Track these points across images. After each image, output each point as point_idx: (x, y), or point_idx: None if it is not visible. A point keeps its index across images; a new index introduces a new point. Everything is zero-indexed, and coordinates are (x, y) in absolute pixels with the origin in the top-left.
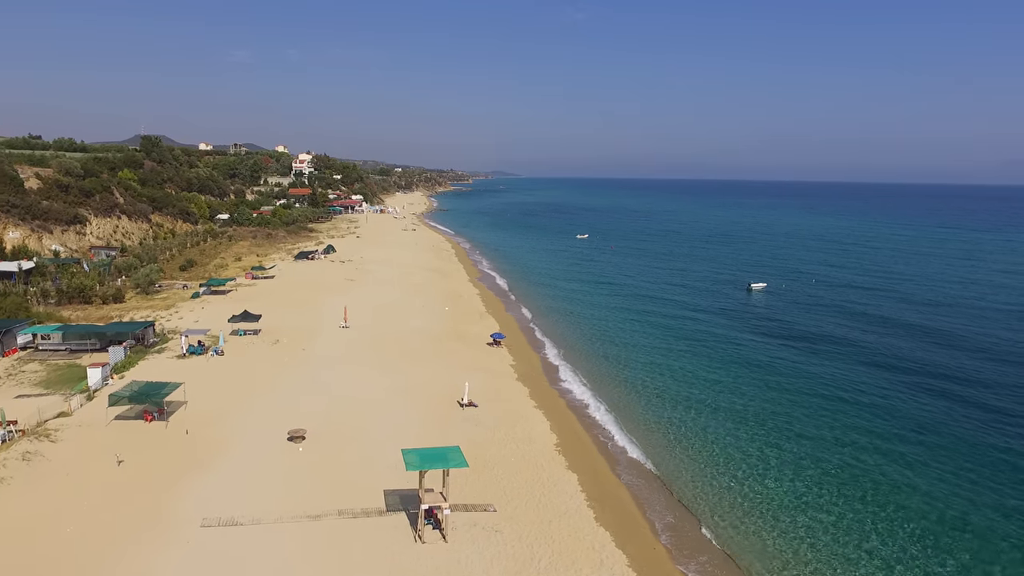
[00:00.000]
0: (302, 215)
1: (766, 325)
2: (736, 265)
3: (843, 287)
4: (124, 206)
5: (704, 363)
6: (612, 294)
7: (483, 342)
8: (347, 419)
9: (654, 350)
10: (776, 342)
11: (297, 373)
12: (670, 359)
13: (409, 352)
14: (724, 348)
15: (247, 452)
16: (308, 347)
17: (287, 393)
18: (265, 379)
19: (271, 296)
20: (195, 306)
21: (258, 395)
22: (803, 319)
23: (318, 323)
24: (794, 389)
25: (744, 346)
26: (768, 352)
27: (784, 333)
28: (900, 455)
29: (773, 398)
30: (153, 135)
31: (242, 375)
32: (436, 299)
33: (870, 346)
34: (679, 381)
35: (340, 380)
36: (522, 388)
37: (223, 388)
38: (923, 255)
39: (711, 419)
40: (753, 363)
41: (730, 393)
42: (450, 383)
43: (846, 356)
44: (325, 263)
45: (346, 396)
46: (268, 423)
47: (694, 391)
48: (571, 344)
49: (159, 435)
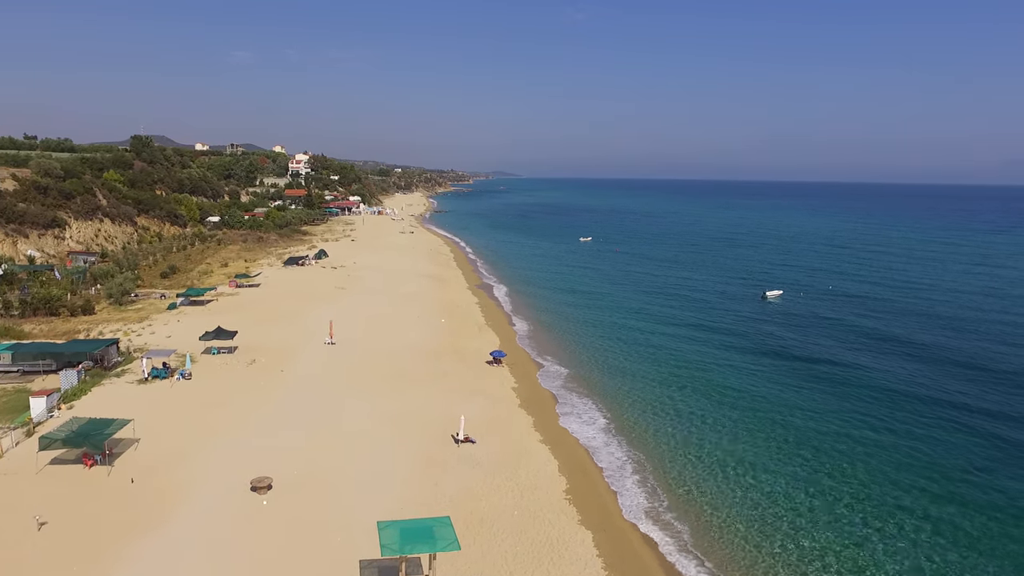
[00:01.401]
0: (296, 217)
1: (791, 342)
2: (745, 270)
3: (862, 297)
4: (107, 208)
5: (726, 387)
6: (620, 304)
7: (482, 360)
8: (324, 460)
9: (670, 371)
10: (807, 366)
11: (272, 400)
12: (688, 384)
13: (400, 373)
14: (747, 368)
15: (201, 507)
16: (288, 367)
17: (258, 426)
18: (235, 408)
19: (253, 307)
20: (170, 318)
21: (224, 429)
22: (829, 336)
23: (302, 338)
24: (855, 438)
25: (771, 369)
26: (798, 376)
27: (815, 354)
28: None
29: (826, 445)
30: (146, 135)
31: (209, 404)
32: (432, 310)
33: (910, 370)
34: (701, 409)
35: (320, 409)
36: (525, 417)
37: (184, 421)
38: (938, 260)
39: (746, 466)
40: (783, 391)
41: (769, 430)
42: (445, 411)
43: (889, 382)
44: (315, 269)
45: (326, 429)
46: (232, 466)
47: (722, 426)
48: (578, 362)
49: (99, 485)
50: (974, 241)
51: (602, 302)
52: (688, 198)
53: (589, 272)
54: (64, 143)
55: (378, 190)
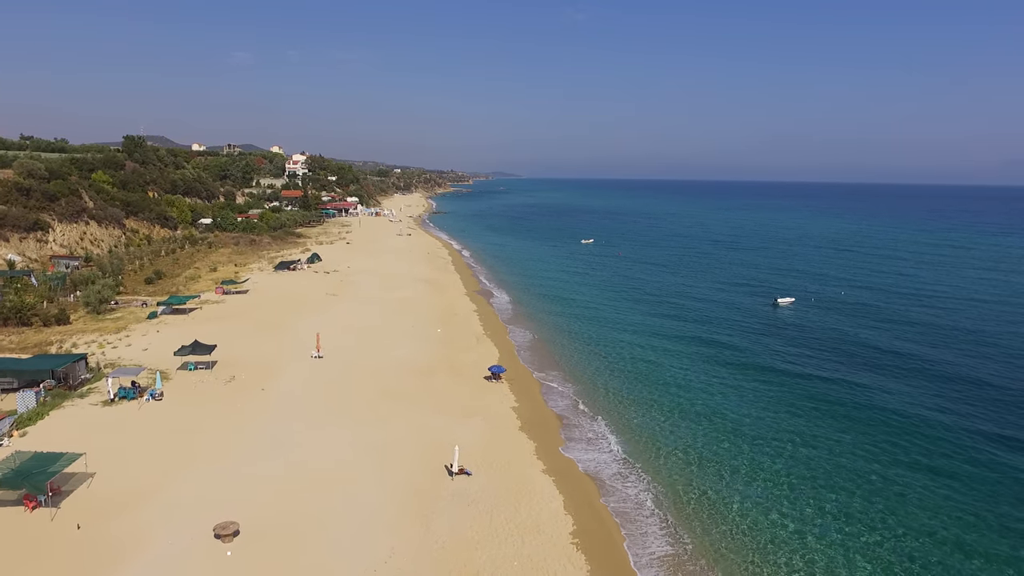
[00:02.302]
0: (291, 219)
1: (810, 360)
2: (752, 274)
3: (877, 306)
4: (93, 211)
5: (746, 413)
6: (626, 314)
7: (480, 375)
8: (301, 498)
9: (684, 391)
10: (831, 388)
11: (248, 425)
12: (704, 401)
13: (391, 391)
14: (767, 392)
15: (154, 559)
16: (269, 385)
17: (230, 457)
18: (206, 435)
19: (239, 316)
20: (150, 328)
21: (192, 461)
22: (850, 352)
23: (287, 351)
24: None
25: (793, 393)
26: (824, 401)
27: (837, 375)
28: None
29: (871, 482)
30: (138, 136)
31: (178, 429)
32: (428, 318)
33: (951, 396)
34: (720, 431)
35: (301, 435)
36: (526, 443)
37: (148, 450)
38: (950, 265)
39: (778, 508)
40: (809, 420)
41: (800, 467)
42: (438, 436)
43: (933, 412)
44: (307, 274)
45: (305, 460)
46: (195, 508)
47: (745, 448)
48: (583, 378)
49: (38, 532)
50: (982, 243)
51: (607, 311)
52: (688, 199)
53: (592, 277)
54: (56, 144)
55: (377, 191)
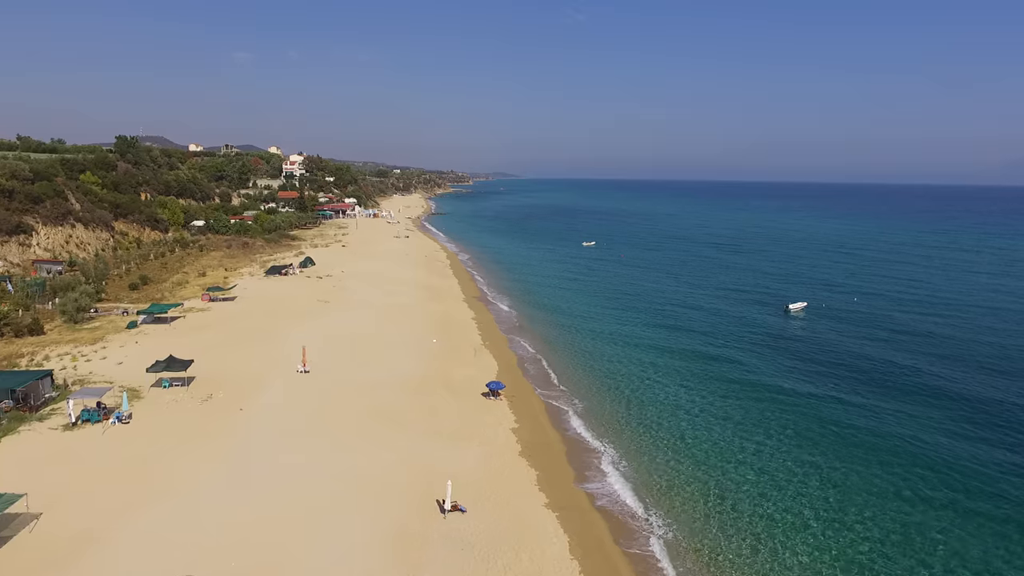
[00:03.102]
0: (285, 221)
1: (831, 373)
2: (758, 279)
3: (893, 314)
4: (80, 213)
5: (759, 431)
6: (631, 321)
7: (477, 392)
8: (273, 543)
9: (695, 412)
10: (859, 410)
11: (221, 454)
12: (719, 427)
13: (380, 411)
14: (784, 407)
15: None
16: (249, 405)
17: (198, 493)
18: (173, 466)
19: (223, 326)
20: (128, 339)
21: (155, 497)
22: (869, 363)
23: (271, 365)
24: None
25: (814, 408)
26: (850, 421)
27: (865, 395)
28: None
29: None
30: (130, 136)
31: (142, 458)
32: (423, 327)
33: (975, 406)
34: (739, 462)
35: (278, 465)
36: (527, 471)
37: (107, 484)
38: (962, 268)
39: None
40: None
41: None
42: (431, 464)
43: (963, 423)
44: (299, 280)
45: (280, 496)
46: (152, 557)
47: (771, 481)
48: (588, 393)
49: None
50: (991, 246)
51: (611, 320)
52: (689, 199)
53: (595, 283)
54: (48, 145)
55: (376, 192)
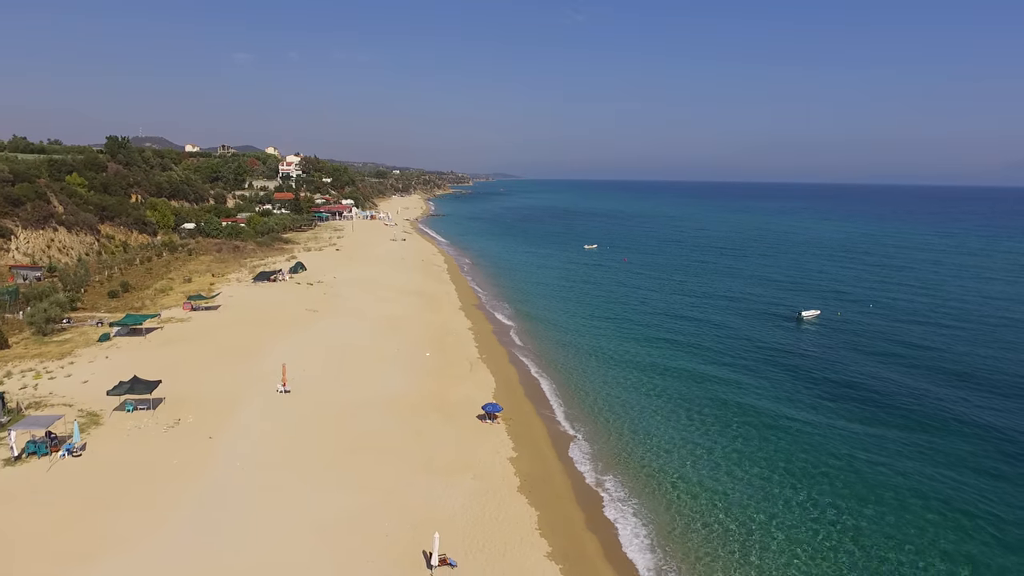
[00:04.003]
0: (279, 224)
1: (858, 392)
2: (766, 284)
3: (910, 322)
4: (63, 216)
5: (778, 467)
6: (638, 331)
7: (473, 412)
8: None
9: (711, 434)
10: (885, 434)
11: (182, 494)
12: (738, 455)
13: (364, 439)
14: (807, 438)
15: None
16: (220, 432)
17: (149, 547)
18: (121, 513)
19: (202, 338)
20: (99, 353)
21: (96, 553)
22: (895, 380)
23: (249, 384)
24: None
25: (841, 439)
26: (882, 454)
27: (888, 414)
28: None
29: None
30: (121, 136)
31: (90, 501)
32: (417, 339)
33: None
34: (761, 508)
35: (246, 510)
36: (527, 511)
37: (41, 538)
38: (974, 273)
39: None
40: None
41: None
42: (417, 506)
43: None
44: (288, 286)
45: (244, 549)
46: None
47: (786, 527)
48: (594, 414)
49: None
50: (1001, 249)
51: (617, 331)
52: (690, 200)
53: (598, 289)
54: (38, 145)
55: (375, 193)
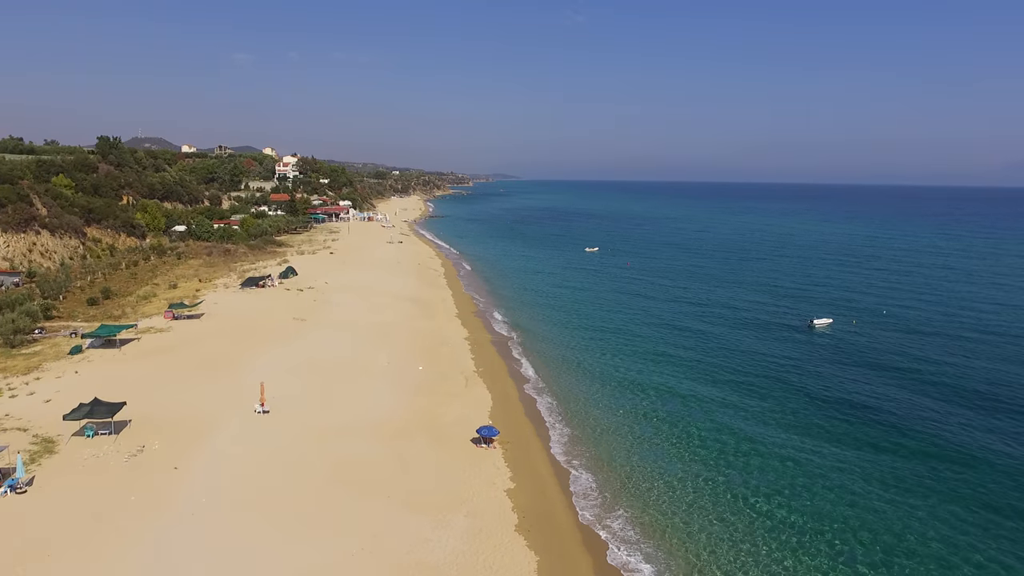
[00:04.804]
0: (273, 226)
1: (873, 410)
2: (773, 289)
3: (926, 331)
4: (47, 219)
5: (798, 495)
6: (644, 343)
7: (466, 437)
8: None
9: (731, 463)
10: (909, 459)
11: (136, 541)
12: (762, 489)
13: (347, 469)
14: (832, 461)
15: None
16: (187, 461)
17: None
18: (66, 561)
19: (180, 351)
20: (68, 368)
21: None
22: (913, 392)
23: (226, 403)
24: None
25: (869, 462)
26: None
27: (925, 439)
28: None
29: None
30: (112, 137)
31: (27, 551)
32: (409, 350)
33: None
34: (783, 547)
35: (205, 564)
36: (526, 557)
37: None
38: (986, 276)
39: None
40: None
41: None
42: (402, 552)
43: None
44: (277, 292)
45: None
46: None
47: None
48: (601, 436)
49: None
50: (1011, 251)
51: (621, 341)
52: (690, 201)
53: (601, 295)
54: (27, 145)
55: (373, 193)
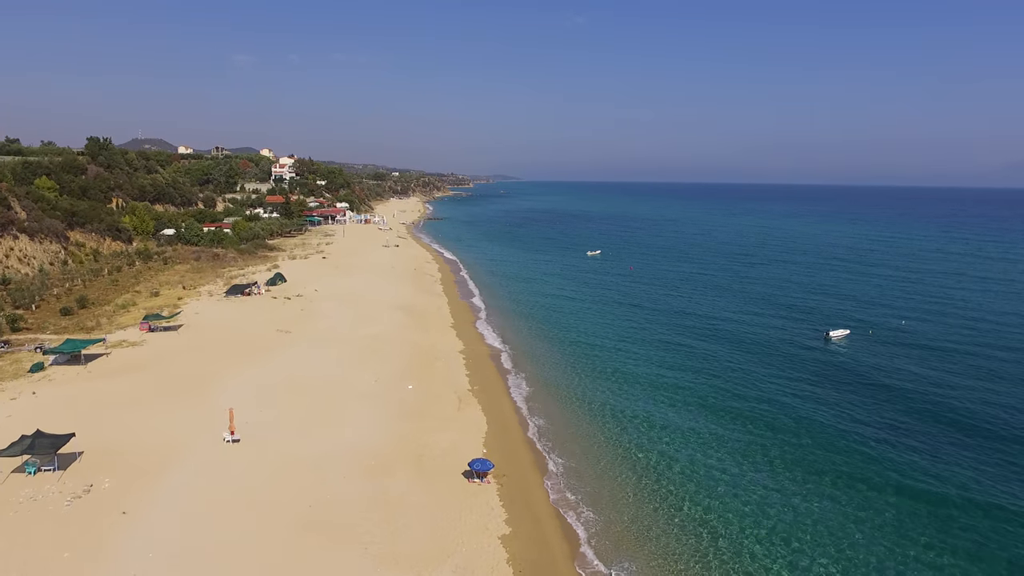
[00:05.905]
0: (266, 229)
1: (896, 422)
2: (782, 298)
3: (948, 345)
4: (26, 222)
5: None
6: (653, 357)
7: (457, 470)
8: None
9: (748, 500)
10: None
11: None
12: (786, 535)
13: (322, 511)
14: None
15: None
16: (137, 505)
17: None
18: None
19: (151, 368)
20: (25, 388)
21: None
22: (945, 418)
23: (193, 430)
24: None
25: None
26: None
27: (960, 472)
28: None
29: None
30: (104, 138)
31: None
32: (399, 366)
33: None
34: None
35: None
36: None
37: None
38: (1002, 282)
39: None
40: None
41: None
42: None
43: None
44: (262, 301)
45: None
46: None
47: None
48: (607, 467)
49: None
50: (1022, 255)
51: (626, 352)
52: (693, 203)
53: (604, 303)
54: (14, 147)
55: (372, 195)
